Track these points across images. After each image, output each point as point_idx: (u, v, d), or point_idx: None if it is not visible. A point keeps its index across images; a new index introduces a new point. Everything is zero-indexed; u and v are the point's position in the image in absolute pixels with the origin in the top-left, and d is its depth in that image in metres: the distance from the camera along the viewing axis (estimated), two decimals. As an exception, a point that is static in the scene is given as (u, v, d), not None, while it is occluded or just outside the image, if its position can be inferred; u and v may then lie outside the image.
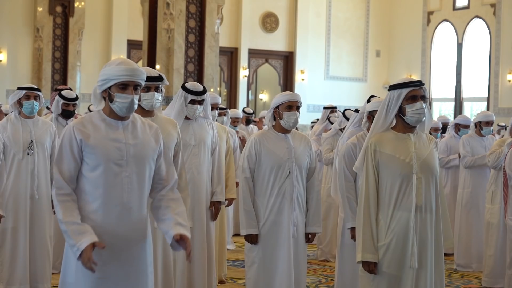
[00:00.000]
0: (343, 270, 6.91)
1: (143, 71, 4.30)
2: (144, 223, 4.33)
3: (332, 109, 10.92)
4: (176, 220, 4.31)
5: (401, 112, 5.21)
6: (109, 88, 4.24)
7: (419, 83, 5.20)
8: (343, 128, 9.41)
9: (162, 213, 4.37)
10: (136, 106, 4.29)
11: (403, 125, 5.24)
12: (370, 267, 5.16)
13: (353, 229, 6.14)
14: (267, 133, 6.38)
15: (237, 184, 8.23)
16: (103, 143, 4.22)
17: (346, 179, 6.50)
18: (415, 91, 5.17)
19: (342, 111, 10.01)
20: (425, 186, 5.19)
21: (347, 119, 9.41)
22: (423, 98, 5.20)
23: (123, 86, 4.23)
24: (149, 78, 5.65)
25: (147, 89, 5.73)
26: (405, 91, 5.17)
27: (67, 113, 8.70)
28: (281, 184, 6.27)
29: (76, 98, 8.78)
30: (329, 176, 9.80)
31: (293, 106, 6.26)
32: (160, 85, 5.83)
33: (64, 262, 4.29)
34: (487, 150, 9.49)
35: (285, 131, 6.35)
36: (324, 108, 11.06)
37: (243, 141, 11.62)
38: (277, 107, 6.28)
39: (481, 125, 9.79)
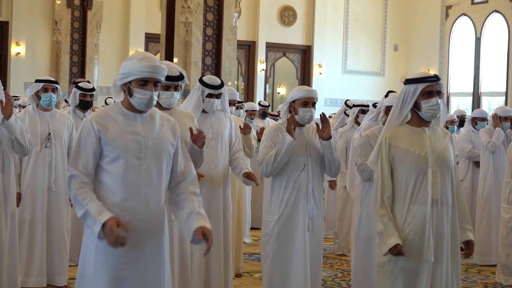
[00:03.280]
0: (359, 263, 6.91)
1: (164, 68, 4.30)
2: (162, 216, 4.34)
3: (351, 107, 10.88)
4: (198, 213, 4.31)
5: (416, 106, 5.20)
6: (129, 82, 4.25)
7: (435, 78, 5.18)
8: (359, 122, 9.41)
9: (182, 206, 4.35)
10: (155, 102, 4.30)
11: (418, 119, 5.23)
12: (397, 248, 5.09)
13: None
14: (282, 126, 6.35)
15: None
16: (122, 136, 4.23)
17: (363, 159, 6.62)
18: (431, 87, 5.16)
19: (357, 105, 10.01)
20: (440, 180, 5.18)
21: (363, 109, 9.47)
22: (439, 93, 5.18)
23: (143, 82, 4.23)
24: (169, 78, 5.63)
25: (166, 87, 5.72)
26: (421, 86, 5.15)
27: (84, 104, 8.72)
28: (296, 177, 6.25)
29: (93, 89, 8.81)
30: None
31: (309, 102, 6.23)
32: (180, 84, 5.83)
33: (82, 254, 4.30)
34: (506, 144, 9.49)
35: (300, 124, 6.33)
36: (346, 104, 10.94)
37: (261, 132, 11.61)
38: (293, 101, 6.27)
39: (500, 120, 9.80)
